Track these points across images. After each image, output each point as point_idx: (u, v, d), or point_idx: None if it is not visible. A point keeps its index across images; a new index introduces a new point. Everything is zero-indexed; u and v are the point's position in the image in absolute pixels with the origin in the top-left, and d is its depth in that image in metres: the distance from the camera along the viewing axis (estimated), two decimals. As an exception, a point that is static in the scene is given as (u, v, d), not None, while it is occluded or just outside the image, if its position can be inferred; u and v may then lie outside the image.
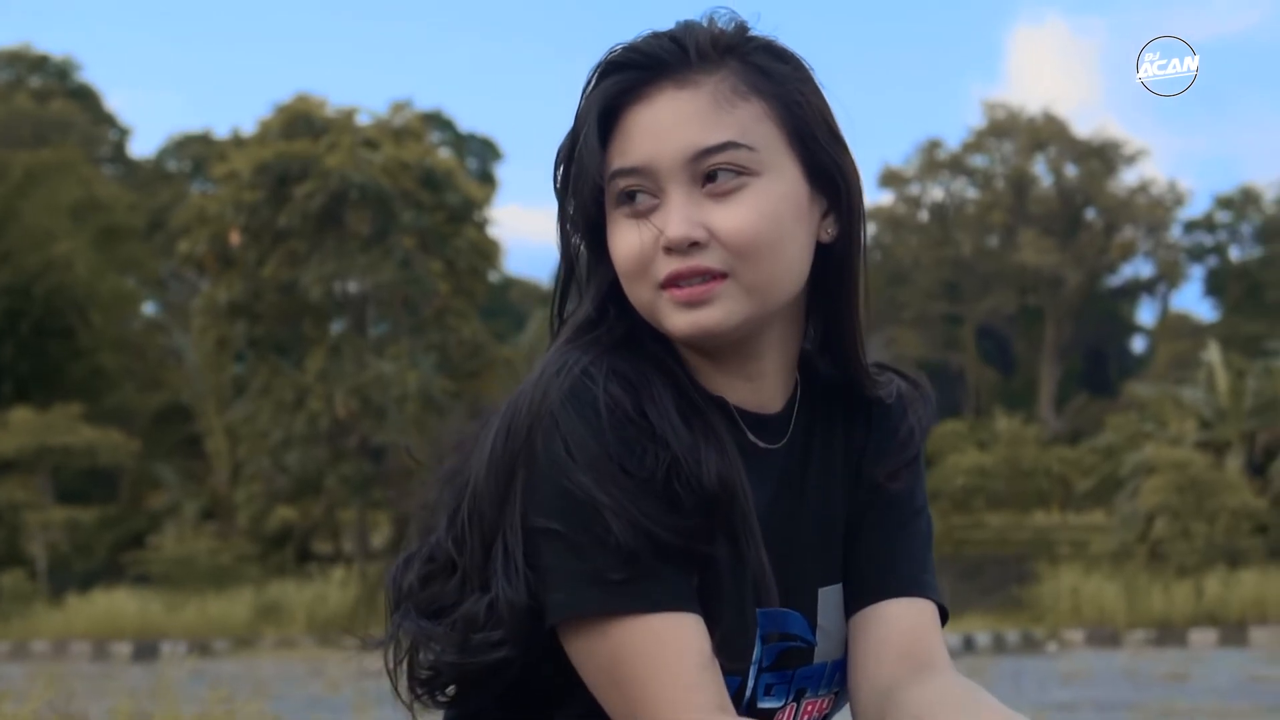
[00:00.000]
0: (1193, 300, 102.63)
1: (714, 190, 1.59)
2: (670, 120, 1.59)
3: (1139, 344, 61.84)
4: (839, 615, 1.74)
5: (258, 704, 11.26)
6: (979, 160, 53.92)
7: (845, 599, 1.75)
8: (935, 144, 53.84)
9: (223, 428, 30.81)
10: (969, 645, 19.69)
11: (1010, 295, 52.49)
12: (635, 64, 1.62)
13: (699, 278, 1.58)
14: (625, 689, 1.54)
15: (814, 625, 1.71)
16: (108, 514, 31.67)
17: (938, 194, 54.62)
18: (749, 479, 1.62)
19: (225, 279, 28.63)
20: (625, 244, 1.62)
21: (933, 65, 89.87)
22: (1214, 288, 55.49)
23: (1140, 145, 61.71)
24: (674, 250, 1.58)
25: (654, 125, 1.60)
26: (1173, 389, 30.25)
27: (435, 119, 44.96)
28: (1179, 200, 53.06)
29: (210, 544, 28.52)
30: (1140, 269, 55.15)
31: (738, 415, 1.68)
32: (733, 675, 1.61)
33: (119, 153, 49.97)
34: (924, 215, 54.33)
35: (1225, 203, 55.40)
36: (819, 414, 1.77)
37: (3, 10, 67.66)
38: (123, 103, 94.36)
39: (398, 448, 28.34)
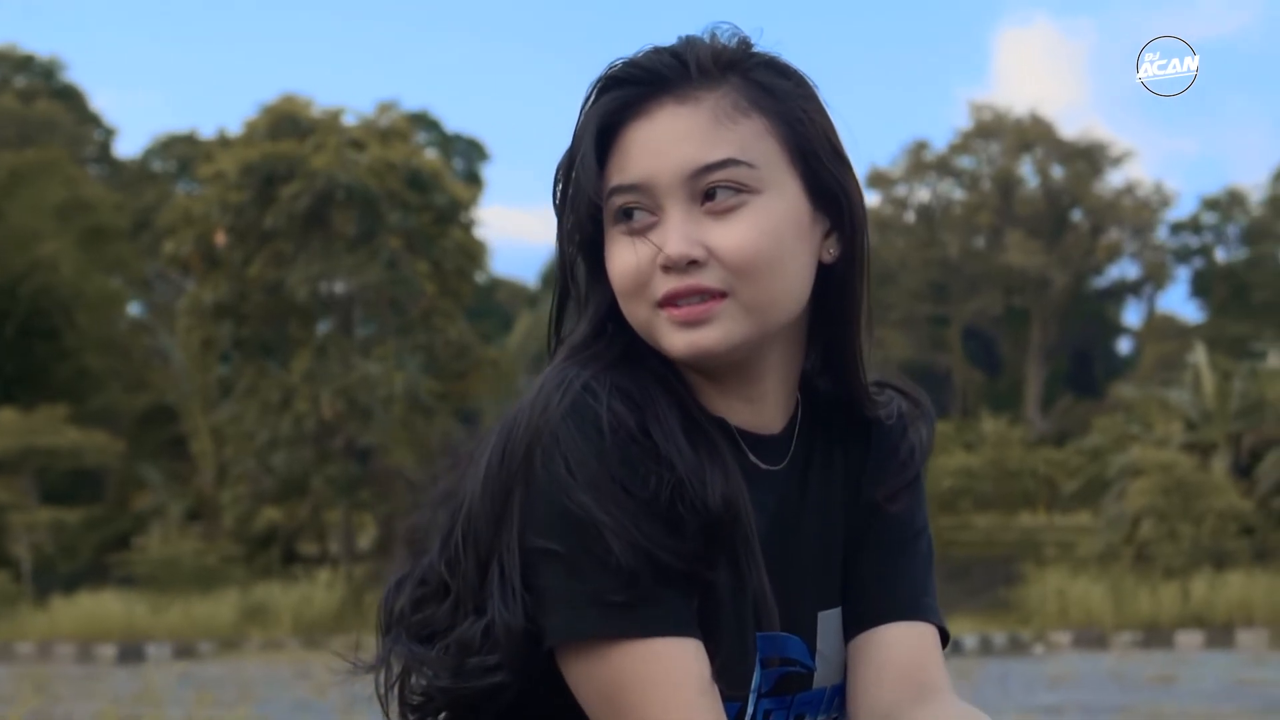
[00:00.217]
0: (1179, 302, 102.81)
1: (713, 208, 1.55)
2: (670, 136, 1.56)
3: (1125, 345, 62.00)
4: (838, 639, 1.71)
5: (243, 709, 11.24)
6: (965, 161, 54.02)
7: (844, 622, 1.72)
8: (922, 145, 53.96)
9: (208, 429, 30.77)
10: (956, 647, 19.65)
11: (996, 296, 52.56)
12: (635, 79, 1.59)
13: (697, 297, 1.55)
14: (624, 714, 1.51)
15: (813, 650, 1.68)
16: (93, 515, 31.61)
17: (924, 195, 54.75)
18: (750, 501, 1.59)
19: (211, 279, 28.60)
20: (622, 262, 1.58)
21: (919, 66, 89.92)
22: (1200, 289, 55.59)
23: (1126, 147, 61.86)
24: (672, 269, 1.55)
25: (653, 141, 1.57)
26: (1159, 391, 30.32)
27: (421, 119, 44.92)
28: (1165, 202, 53.24)
29: (195, 545, 28.49)
30: (1126, 270, 55.34)
31: (739, 436, 1.65)
32: (732, 701, 1.58)
33: (104, 153, 49.87)
34: (910, 216, 54.40)
35: (1211, 204, 55.51)
36: (819, 434, 1.74)
37: (-12, 10, 67.51)
38: (108, 103, 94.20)
39: (384, 449, 28.36)
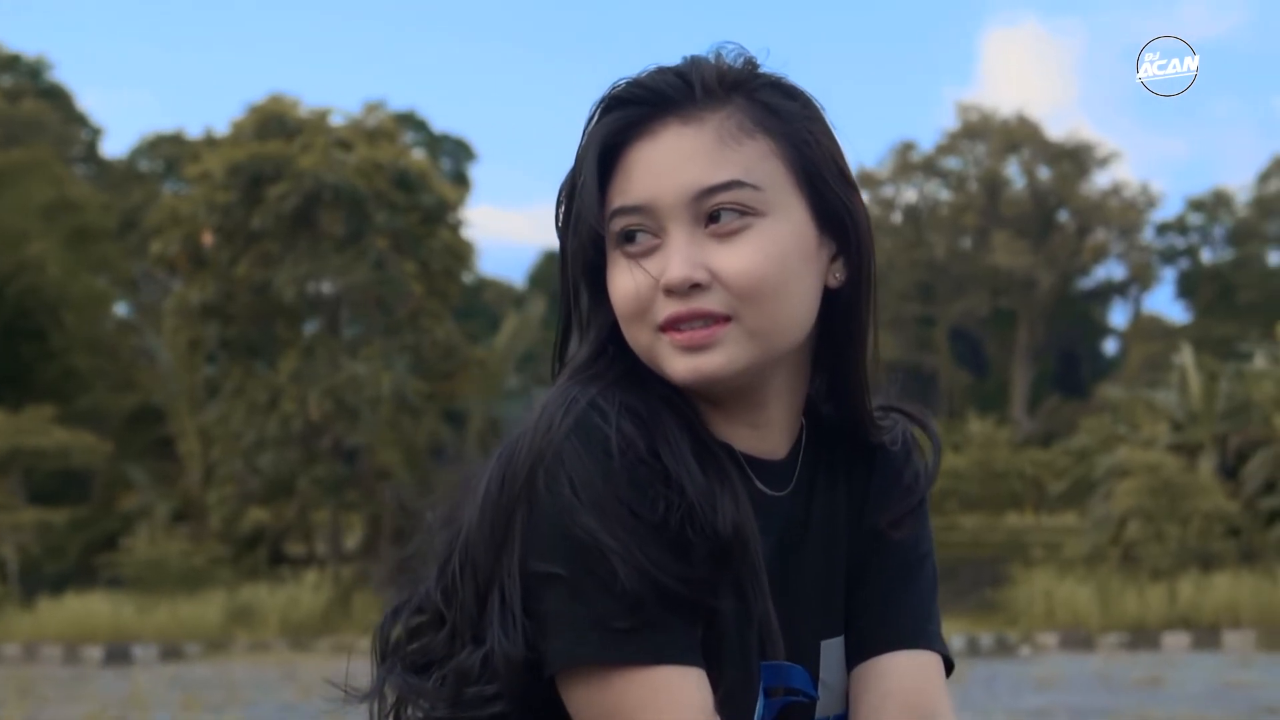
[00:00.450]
0: (1165, 302, 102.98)
1: (717, 231, 1.53)
2: (673, 157, 1.54)
3: (1111, 346, 62.10)
4: (841, 668, 1.69)
5: (231, 714, 11.22)
6: (952, 162, 54.11)
7: (847, 651, 1.70)
8: (909, 146, 54.03)
9: (195, 429, 30.71)
10: (943, 649, 19.65)
11: (983, 297, 52.64)
12: (639, 99, 1.57)
13: (700, 321, 1.53)
14: None
15: (816, 679, 1.66)
16: (79, 516, 31.53)
17: (911, 196, 54.85)
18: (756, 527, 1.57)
19: (198, 280, 28.54)
20: (624, 285, 1.56)
21: (906, 67, 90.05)
22: (1186, 290, 55.70)
23: (1113, 148, 61.92)
24: (674, 292, 1.52)
25: (656, 162, 1.54)
26: (1145, 392, 30.36)
27: (409, 119, 44.89)
28: (1151, 203, 53.38)
29: (182, 546, 28.41)
30: (1112, 271, 55.45)
31: (744, 461, 1.62)
32: (735, 731, 1.56)
33: (91, 153, 49.74)
34: (897, 217, 54.44)
35: (1197, 205, 55.63)
36: (822, 459, 1.71)
37: (-27, 9, 67.36)
38: (95, 102, 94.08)
39: (371, 449, 28.32)
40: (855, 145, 1.65)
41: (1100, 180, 54.77)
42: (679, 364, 1.54)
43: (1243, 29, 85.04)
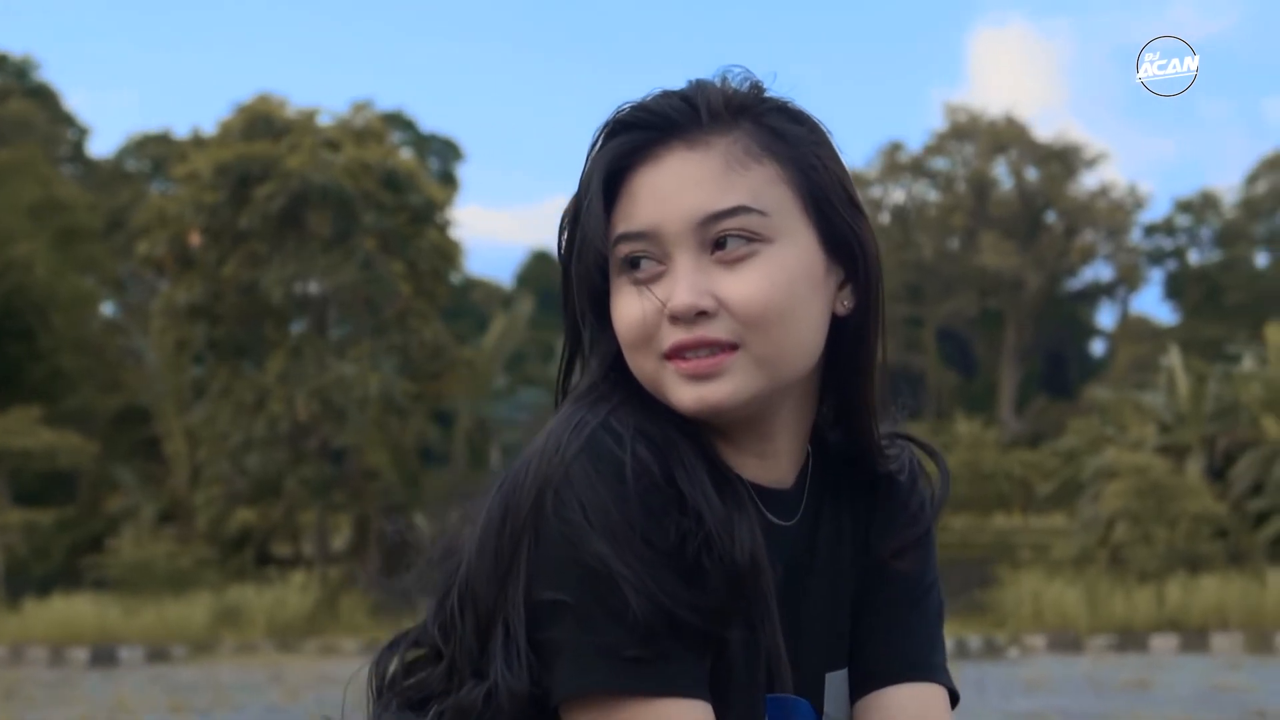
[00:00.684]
0: (1152, 304, 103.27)
1: (723, 257, 1.50)
2: (678, 183, 1.51)
3: (1099, 347, 62.15)
4: (845, 701, 1.67)
5: (218, 717, 11.18)
6: (940, 163, 54.12)
7: (851, 683, 1.67)
8: (896, 146, 54.01)
9: (182, 430, 30.65)
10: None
11: (971, 298, 52.66)
12: (644, 124, 1.53)
13: (706, 349, 1.49)
14: None
15: (820, 712, 1.64)
16: (66, 517, 31.44)
17: (899, 196, 54.80)
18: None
19: (185, 280, 28.47)
20: (628, 312, 1.52)
21: (894, 67, 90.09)
22: (1173, 291, 55.75)
23: (1101, 148, 61.85)
24: (680, 320, 1.49)
25: (661, 188, 1.51)
26: (1133, 393, 30.38)
27: (396, 119, 44.80)
28: (1139, 204, 53.37)
29: (169, 547, 28.33)
30: (1100, 272, 55.46)
31: (753, 490, 1.59)
32: (740, 765, 1.52)
33: (78, 152, 49.62)
34: (885, 217, 54.42)
35: (1185, 206, 55.67)
36: (828, 488, 1.68)
37: (-41, 8, 67.19)
38: (82, 102, 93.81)
39: (358, 450, 28.28)
40: (843, 145, 1.62)
41: (1088, 181, 54.86)
42: (684, 393, 1.51)
43: (1231, 30, 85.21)
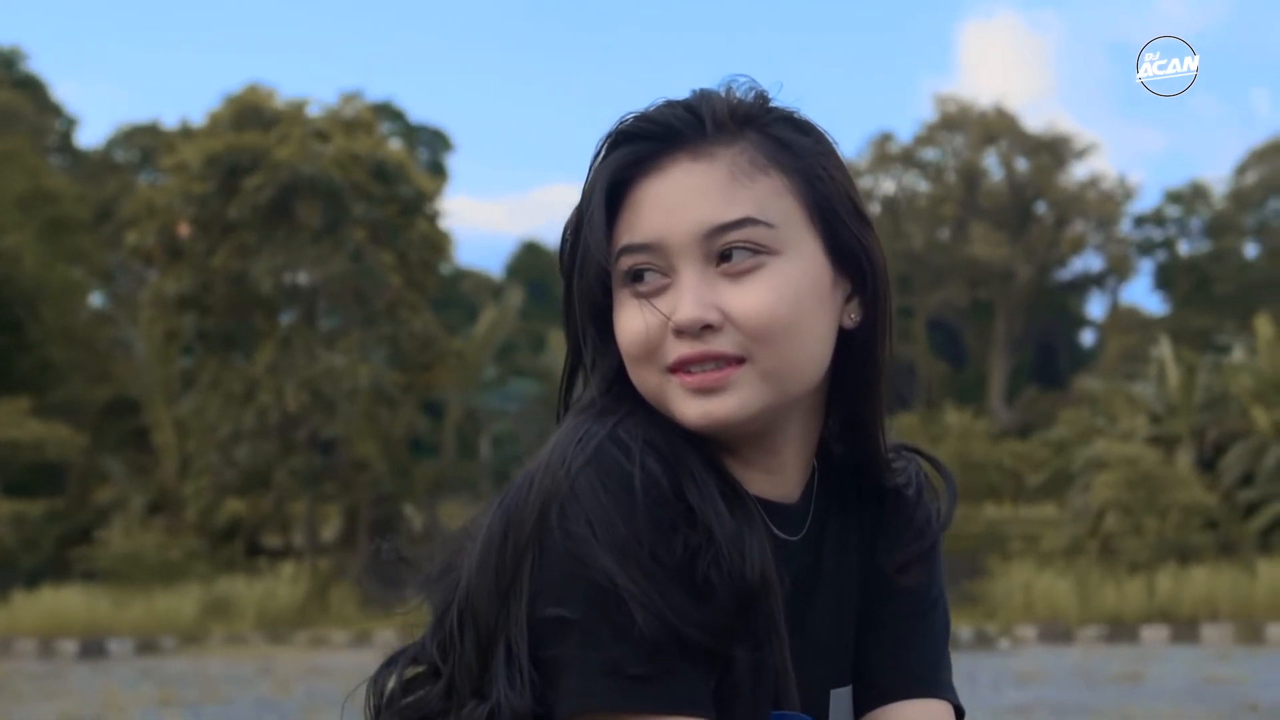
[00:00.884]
0: (1142, 294, 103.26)
1: (729, 270, 1.47)
2: (683, 194, 1.48)
3: (1089, 337, 62.21)
4: (849, 718, 1.64)
5: (208, 710, 11.15)
6: (930, 154, 54.12)
7: (855, 700, 1.65)
8: (887, 137, 54.00)
9: (171, 421, 30.58)
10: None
11: (961, 288, 52.67)
12: (647, 134, 1.50)
13: (712, 363, 1.46)
14: None
15: None
16: (54, 508, 31.36)
17: (889, 187, 54.76)
18: None
19: (174, 271, 28.39)
20: (632, 325, 1.49)
21: (884, 58, 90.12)
22: (1163, 282, 55.80)
23: (1091, 139, 61.83)
24: (685, 333, 1.46)
25: (666, 199, 1.48)
26: (1123, 384, 30.38)
27: (386, 110, 44.75)
28: (1129, 194, 53.40)
29: (158, 539, 28.27)
30: (1090, 263, 55.50)
31: (760, 505, 1.56)
32: (744, 783, 1.49)
33: (66, 143, 49.51)
34: (875, 208, 54.42)
35: (1175, 197, 55.72)
36: (834, 502, 1.65)
37: (-53, -3, 66.96)
38: (70, 93, 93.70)
39: (348, 441, 28.24)
40: (834, 136, 1.59)
41: (1078, 172, 54.85)
42: (689, 408, 1.48)
43: (1220, 23, 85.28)
